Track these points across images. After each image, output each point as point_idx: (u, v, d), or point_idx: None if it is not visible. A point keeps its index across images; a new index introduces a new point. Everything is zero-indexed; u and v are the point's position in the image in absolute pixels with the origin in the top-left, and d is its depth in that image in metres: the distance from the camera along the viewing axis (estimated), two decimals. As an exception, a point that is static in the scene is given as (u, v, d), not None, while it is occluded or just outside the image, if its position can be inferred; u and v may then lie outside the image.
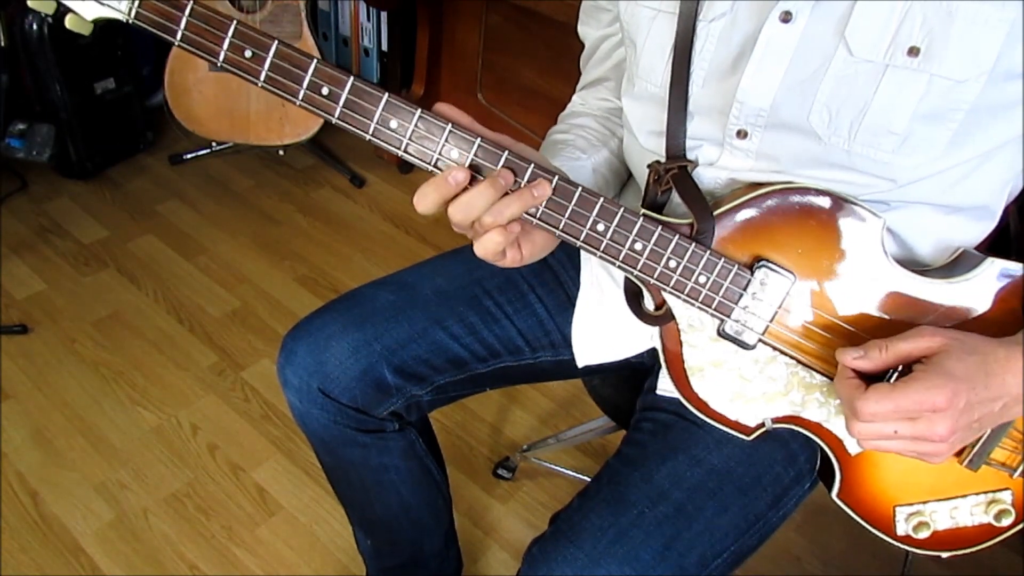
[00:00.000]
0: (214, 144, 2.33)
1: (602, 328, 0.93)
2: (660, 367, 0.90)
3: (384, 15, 2.39)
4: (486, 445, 1.63)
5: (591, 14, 0.90)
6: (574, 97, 0.97)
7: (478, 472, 1.57)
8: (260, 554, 1.41)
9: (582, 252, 0.96)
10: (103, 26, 0.63)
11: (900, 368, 0.67)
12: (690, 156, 0.76)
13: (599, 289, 0.93)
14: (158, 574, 1.36)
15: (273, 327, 1.85)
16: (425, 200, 0.65)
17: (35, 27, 1.98)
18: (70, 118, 2.12)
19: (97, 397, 1.65)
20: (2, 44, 2.02)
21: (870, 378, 0.67)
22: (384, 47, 2.45)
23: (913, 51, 0.63)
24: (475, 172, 0.66)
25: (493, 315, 0.94)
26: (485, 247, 0.67)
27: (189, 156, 2.35)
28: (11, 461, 1.51)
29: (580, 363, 0.95)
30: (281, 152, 2.39)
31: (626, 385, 1.09)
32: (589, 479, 0.85)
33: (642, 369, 0.97)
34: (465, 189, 0.65)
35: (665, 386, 0.88)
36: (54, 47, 2.01)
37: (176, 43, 0.61)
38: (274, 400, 1.67)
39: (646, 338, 0.91)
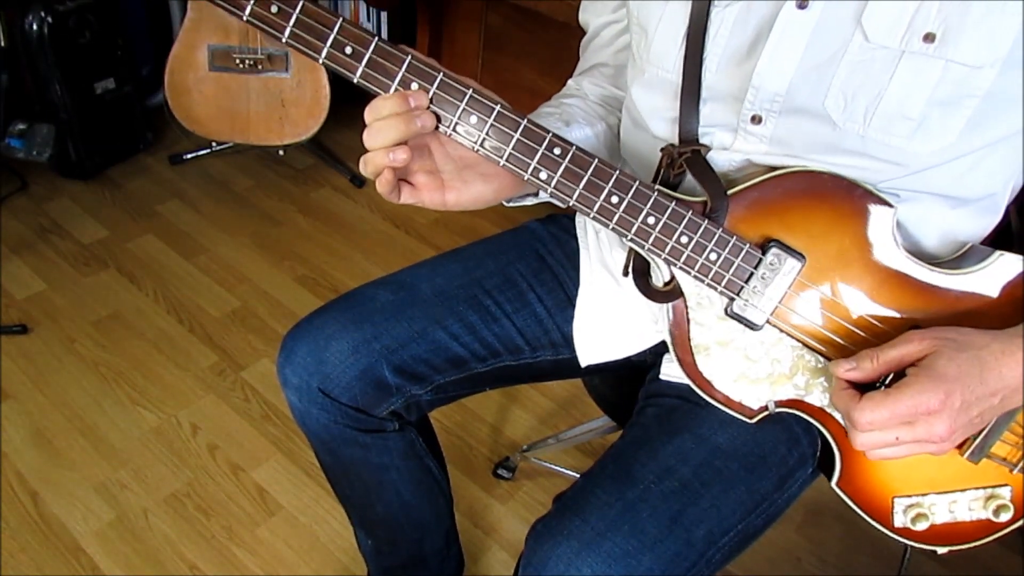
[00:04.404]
0: (214, 144, 2.34)
1: (604, 327, 0.93)
2: (662, 362, 0.90)
3: (384, 15, 2.39)
4: (486, 445, 1.63)
5: (594, 1, 0.90)
6: (570, 81, 0.97)
7: (478, 472, 1.57)
8: (260, 554, 1.41)
9: (581, 251, 0.96)
10: (103, 26, 0.63)
11: (892, 375, 0.67)
12: (703, 142, 0.76)
13: (599, 288, 0.93)
14: (158, 574, 1.36)
15: (273, 327, 1.85)
16: (378, 113, 0.65)
17: (35, 27, 1.97)
18: (70, 118, 2.12)
19: (97, 397, 1.65)
20: (2, 44, 2.02)
21: (866, 388, 0.68)
22: (384, 47, 2.45)
23: (929, 37, 0.64)
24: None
25: (493, 314, 0.94)
26: (364, 164, 0.67)
27: (189, 156, 2.35)
28: (11, 461, 1.51)
29: (583, 363, 0.95)
30: (281, 152, 2.39)
31: (626, 385, 1.09)
32: (589, 478, 0.84)
33: (643, 368, 0.97)
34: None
35: (668, 371, 0.88)
36: (54, 47, 2.01)
37: None
38: (274, 400, 1.67)
39: (648, 335, 0.91)
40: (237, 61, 2.01)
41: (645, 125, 0.81)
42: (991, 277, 0.72)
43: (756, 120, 0.72)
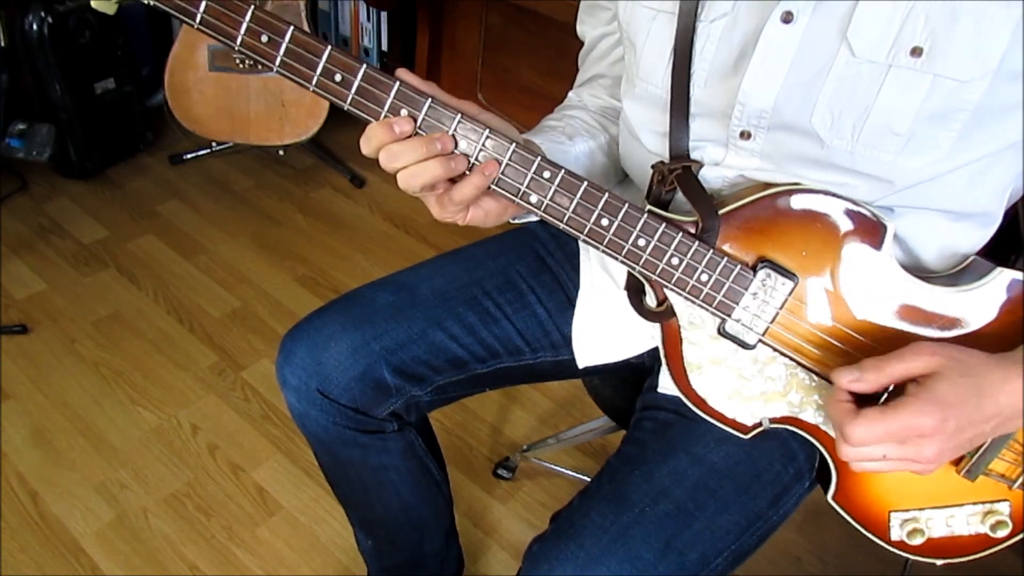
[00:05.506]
0: (214, 144, 2.33)
1: (602, 329, 0.93)
2: (660, 366, 0.90)
3: (384, 15, 2.39)
4: (486, 445, 1.63)
5: (590, 12, 0.90)
6: (570, 93, 0.97)
7: (478, 472, 1.57)
8: (260, 554, 1.41)
9: (581, 253, 0.96)
10: (103, 26, 0.63)
11: (891, 388, 0.67)
12: (694, 156, 0.76)
13: (599, 290, 0.93)
14: (158, 574, 1.36)
15: (273, 327, 1.85)
16: (369, 143, 0.66)
17: (35, 27, 1.97)
18: (70, 118, 2.12)
19: (97, 397, 1.65)
20: (2, 44, 2.02)
21: (863, 396, 0.68)
22: (384, 47, 2.45)
23: (916, 51, 0.63)
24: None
25: (492, 316, 0.94)
26: (405, 182, 0.67)
27: (189, 156, 2.35)
28: (11, 461, 1.51)
29: (581, 364, 0.95)
30: (281, 152, 2.39)
31: (626, 385, 1.09)
32: (589, 479, 0.85)
33: (642, 369, 0.97)
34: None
35: (666, 384, 0.88)
36: (54, 47, 2.00)
37: (195, 25, 0.62)
38: (274, 400, 1.67)
39: (646, 338, 0.91)
40: (237, 61, 2.02)
41: (638, 138, 0.82)
42: (990, 294, 0.71)
43: (745, 136, 0.72)
